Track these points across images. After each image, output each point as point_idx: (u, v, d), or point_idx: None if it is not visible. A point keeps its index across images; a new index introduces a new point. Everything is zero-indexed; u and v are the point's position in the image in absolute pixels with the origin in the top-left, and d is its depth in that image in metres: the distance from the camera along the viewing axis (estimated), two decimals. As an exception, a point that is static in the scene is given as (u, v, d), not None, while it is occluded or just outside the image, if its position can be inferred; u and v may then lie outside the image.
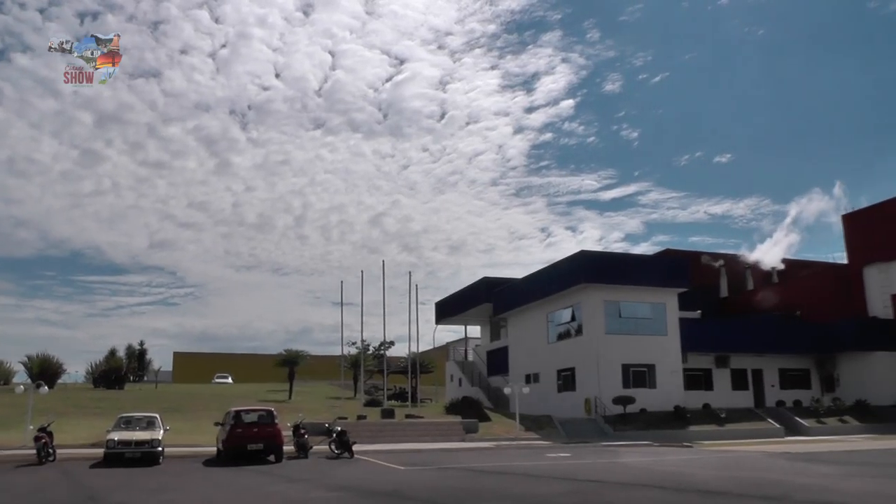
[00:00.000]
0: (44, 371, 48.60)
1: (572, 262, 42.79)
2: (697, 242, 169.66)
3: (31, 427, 24.94)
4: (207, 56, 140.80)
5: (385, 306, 40.07)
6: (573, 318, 42.85)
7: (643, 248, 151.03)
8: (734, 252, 61.09)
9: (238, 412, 24.39)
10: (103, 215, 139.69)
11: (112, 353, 64.09)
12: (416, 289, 42.21)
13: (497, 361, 52.54)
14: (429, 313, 64.81)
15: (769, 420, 39.41)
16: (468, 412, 37.67)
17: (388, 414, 36.63)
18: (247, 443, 23.05)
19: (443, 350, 68.49)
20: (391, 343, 54.93)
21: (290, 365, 52.13)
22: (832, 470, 19.51)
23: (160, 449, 22.61)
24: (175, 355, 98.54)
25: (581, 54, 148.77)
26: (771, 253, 60.31)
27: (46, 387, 30.53)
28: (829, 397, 44.44)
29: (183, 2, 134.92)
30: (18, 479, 18.13)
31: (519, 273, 62.89)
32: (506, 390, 38.23)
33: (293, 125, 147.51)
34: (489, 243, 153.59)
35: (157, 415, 25.58)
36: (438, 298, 62.29)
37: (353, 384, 55.20)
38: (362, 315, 58.91)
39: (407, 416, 36.80)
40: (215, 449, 25.08)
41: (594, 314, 40.69)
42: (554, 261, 47.68)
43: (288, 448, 24.75)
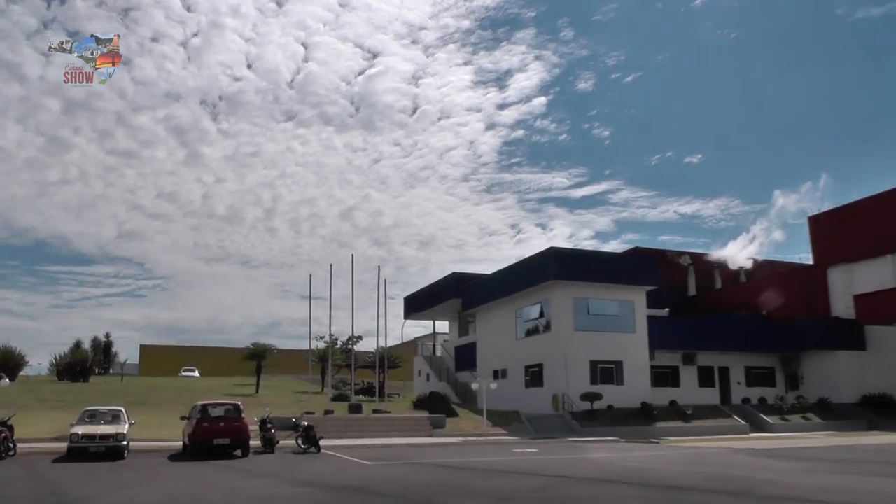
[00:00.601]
0: (5, 363, 47.82)
1: (542, 259, 42.93)
2: (667, 241, 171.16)
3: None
4: (179, 45, 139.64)
5: (354, 301, 39.91)
6: (542, 315, 42.96)
7: (613, 246, 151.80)
8: (703, 251, 61.76)
9: (204, 406, 24.22)
10: (70, 204, 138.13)
11: (77, 346, 63.52)
12: (386, 283, 42.20)
13: (465, 357, 52.57)
14: (398, 308, 65.06)
15: (735, 417, 39.83)
16: (436, 407, 37.64)
17: (356, 409, 36.50)
18: (213, 437, 22.91)
19: (411, 345, 68.44)
20: (359, 338, 54.75)
21: (258, 359, 51.81)
22: (794, 466, 19.75)
23: (125, 443, 22.34)
24: (142, 348, 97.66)
25: (554, 52, 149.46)
26: (739, 252, 60.99)
27: (7, 379, 30.17)
28: (793, 395, 45.04)
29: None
30: (-23, 473, 17.78)
31: (488, 269, 62.77)
32: (473, 386, 38.25)
33: (265, 117, 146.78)
34: (459, 239, 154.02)
35: (123, 408, 25.28)
36: (408, 293, 62.24)
37: (321, 379, 54.93)
38: (331, 309, 58.63)
39: (374, 412, 36.70)
40: (181, 443, 24.86)
41: (563, 311, 40.84)
42: (524, 257, 47.86)
43: (254, 443, 24.58)
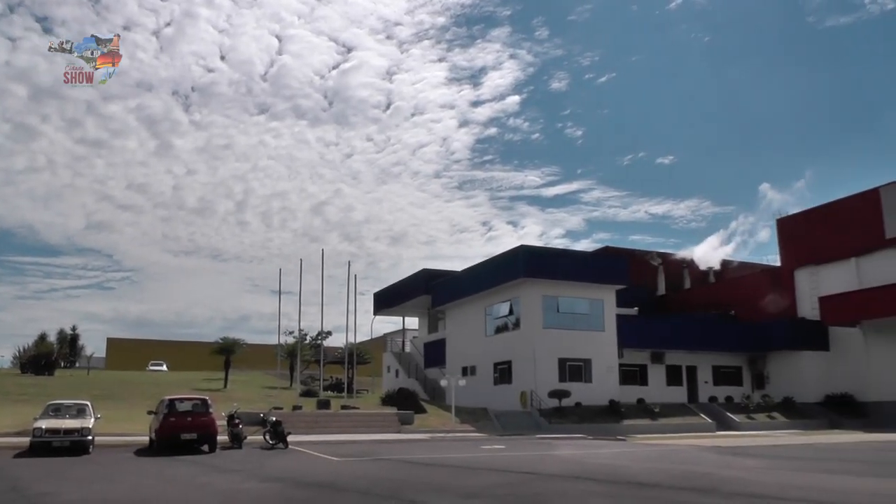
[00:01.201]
0: (-33, 355, 47.11)
1: (512, 257, 43.03)
2: (637, 241, 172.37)
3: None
4: (151, 34, 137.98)
5: (324, 296, 39.60)
6: (511, 312, 43.08)
7: (584, 245, 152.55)
8: (673, 251, 62.26)
9: (172, 401, 24.00)
10: (37, 193, 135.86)
11: (42, 338, 62.63)
12: (356, 279, 41.94)
13: (434, 353, 52.58)
14: (367, 304, 64.56)
15: (701, 415, 40.25)
16: (404, 404, 37.60)
17: (324, 405, 36.34)
18: (180, 432, 22.71)
19: (380, 341, 68.30)
20: (329, 333, 54.60)
21: (227, 353, 51.35)
22: (758, 463, 19.95)
23: (90, 438, 22.03)
24: (109, 341, 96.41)
25: (529, 51, 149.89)
26: (714, 251, 61.65)
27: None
28: (759, 394, 45.68)
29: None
30: (-65, 466, 17.48)
31: (459, 266, 62.89)
32: (442, 382, 38.26)
33: (237, 109, 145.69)
34: (430, 235, 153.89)
35: (89, 402, 24.92)
36: (378, 289, 62.13)
37: (290, 374, 54.66)
38: (300, 304, 57.92)
39: (343, 407, 36.57)
40: (148, 438, 24.56)
41: (532, 308, 40.98)
42: (494, 255, 47.93)
43: (222, 438, 24.41)
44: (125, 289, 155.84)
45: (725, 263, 61.42)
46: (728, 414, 40.93)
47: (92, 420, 22.94)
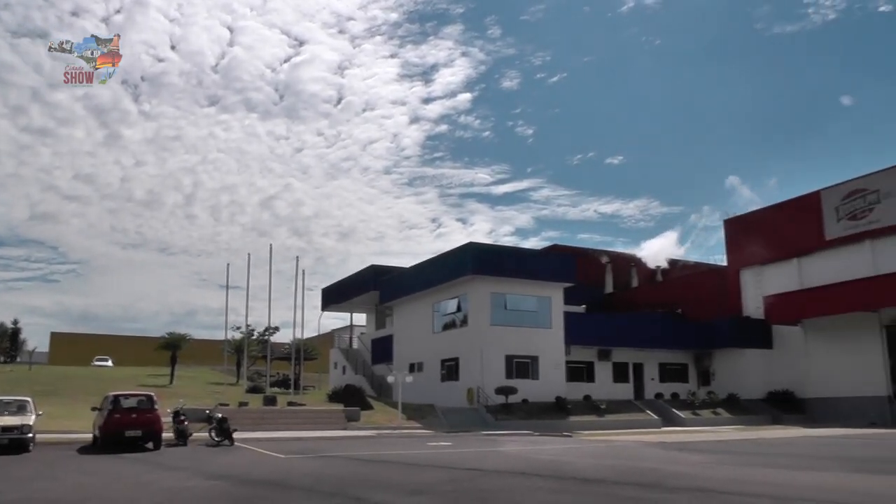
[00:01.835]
0: None
1: (461, 254, 42.89)
2: (586, 239, 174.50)
3: None
4: (100, 20, 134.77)
5: (271, 291, 39.19)
6: (459, 309, 42.95)
7: (532, 243, 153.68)
8: (621, 250, 62.87)
9: (116, 397, 23.37)
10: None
11: (-18, 332, 60.60)
12: (304, 274, 41.49)
13: (382, 350, 52.27)
14: (316, 299, 64.19)
15: (647, 412, 40.57)
16: (351, 400, 37.25)
17: (271, 401, 35.83)
18: (124, 429, 22.21)
19: (328, 337, 67.69)
20: (276, 329, 54.09)
21: (173, 349, 50.52)
22: (702, 458, 20.06)
23: (31, 435, 21.23)
24: (52, 335, 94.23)
25: (481, 49, 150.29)
26: (656, 252, 62.30)
27: None
28: (705, 391, 46.32)
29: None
30: None
31: (408, 262, 62.85)
32: (389, 379, 38.01)
33: (187, 100, 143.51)
34: (379, 231, 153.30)
35: (30, 398, 24.03)
36: (326, 285, 61.59)
37: (237, 370, 53.94)
38: (248, 299, 58.09)
39: (289, 404, 36.11)
40: (91, 435, 23.91)
41: (480, 305, 40.88)
42: (443, 251, 47.80)
43: (167, 435, 23.93)
44: (70, 282, 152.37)
45: (673, 263, 62.27)
46: (674, 410, 41.34)
47: (33, 417, 22.17)
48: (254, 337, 52.78)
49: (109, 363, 70.50)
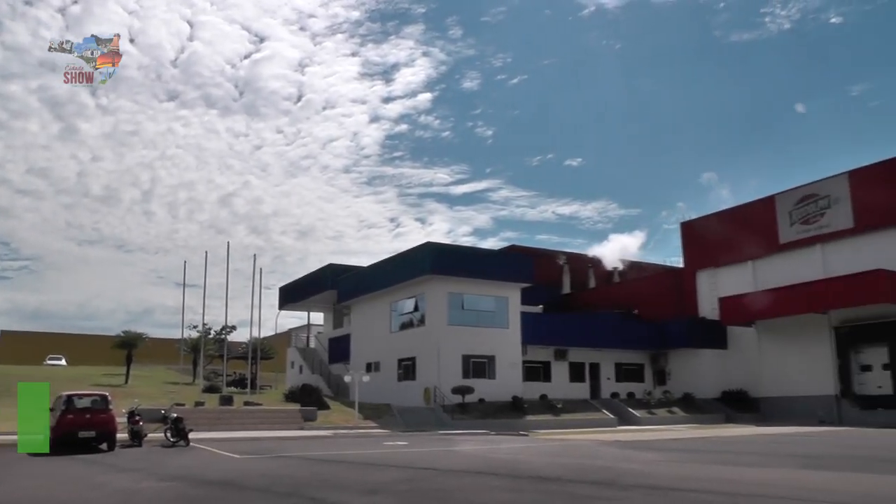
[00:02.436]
0: None
1: (419, 253, 42.81)
2: (544, 241, 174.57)
3: None
4: (56, 11, 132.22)
5: (228, 289, 38.60)
6: (416, 309, 42.88)
7: (491, 244, 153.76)
8: (579, 251, 63.27)
9: (70, 397, 22.89)
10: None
11: (-77, 331, 59.21)
12: (262, 273, 41.08)
13: (339, 349, 51.99)
14: (273, 298, 63.64)
15: (603, 411, 40.87)
16: (307, 400, 36.99)
17: (227, 401, 35.38)
18: (78, 430, 21.83)
19: (285, 336, 67.19)
20: (233, 328, 53.16)
21: (128, 347, 49.49)
22: (656, 456, 20.24)
23: (-20, 437, 20.78)
24: (3, 334, 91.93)
25: (442, 50, 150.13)
26: (621, 248, 62.98)
27: None
28: (661, 390, 46.91)
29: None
30: None
31: (366, 261, 62.46)
32: (346, 378, 37.72)
33: (146, 95, 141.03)
34: (338, 230, 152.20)
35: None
36: (284, 283, 61.04)
37: (193, 369, 53.14)
38: (205, 298, 56.87)
39: (246, 404, 35.68)
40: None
41: (437, 305, 40.85)
42: (401, 251, 47.68)
43: (122, 436, 23.53)
44: (23, 278, 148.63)
45: (630, 264, 62.82)
46: (629, 409, 41.72)
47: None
48: (210, 336, 52.02)
49: (63, 362, 69.01)
